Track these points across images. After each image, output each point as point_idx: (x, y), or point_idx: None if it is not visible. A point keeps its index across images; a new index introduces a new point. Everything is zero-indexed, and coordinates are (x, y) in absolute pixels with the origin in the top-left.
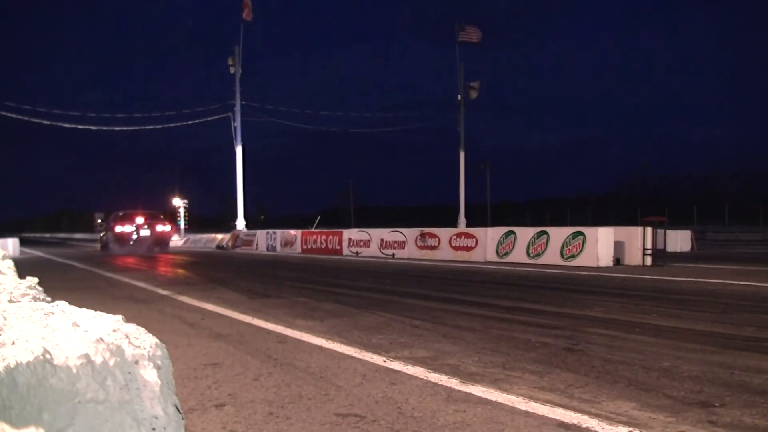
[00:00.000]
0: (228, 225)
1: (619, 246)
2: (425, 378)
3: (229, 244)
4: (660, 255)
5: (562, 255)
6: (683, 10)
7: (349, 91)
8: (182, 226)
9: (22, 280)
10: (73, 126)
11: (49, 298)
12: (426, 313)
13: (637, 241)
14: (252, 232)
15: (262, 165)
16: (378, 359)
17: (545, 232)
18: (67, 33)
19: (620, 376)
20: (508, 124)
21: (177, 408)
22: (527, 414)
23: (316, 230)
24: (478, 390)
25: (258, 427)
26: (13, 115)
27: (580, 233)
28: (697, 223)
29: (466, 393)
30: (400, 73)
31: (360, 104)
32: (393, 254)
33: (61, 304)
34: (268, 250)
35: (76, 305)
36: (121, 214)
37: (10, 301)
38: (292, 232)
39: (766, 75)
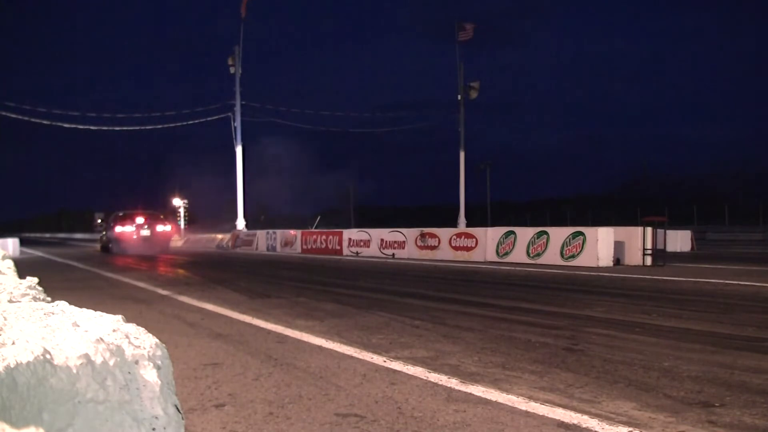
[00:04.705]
0: (228, 225)
1: (619, 246)
2: (425, 378)
3: (229, 244)
4: (660, 255)
5: (562, 255)
6: (684, 10)
7: (349, 91)
8: (182, 226)
9: (22, 280)
10: (73, 126)
11: (49, 298)
12: (426, 313)
13: (637, 241)
14: (252, 232)
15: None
16: (378, 359)
17: (545, 232)
18: (67, 33)
19: (620, 376)
20: (508, 124)
21: (177, 408)
22: (527, 414)
23: (316, 230)
24: (478, 390)
25: (258, 427)
26: (13, 115)
27: (580, 233)
28: (697, 223)
29: (466, 393)
30: (400, 73)
31: (360, 104)
32: (393, 254)
33: (61, 304)
34: (268, 250)
35: (76, 305)
36: (121, 214)
37: (10, 301)
38: (292, 232)
39: (766, 75)
